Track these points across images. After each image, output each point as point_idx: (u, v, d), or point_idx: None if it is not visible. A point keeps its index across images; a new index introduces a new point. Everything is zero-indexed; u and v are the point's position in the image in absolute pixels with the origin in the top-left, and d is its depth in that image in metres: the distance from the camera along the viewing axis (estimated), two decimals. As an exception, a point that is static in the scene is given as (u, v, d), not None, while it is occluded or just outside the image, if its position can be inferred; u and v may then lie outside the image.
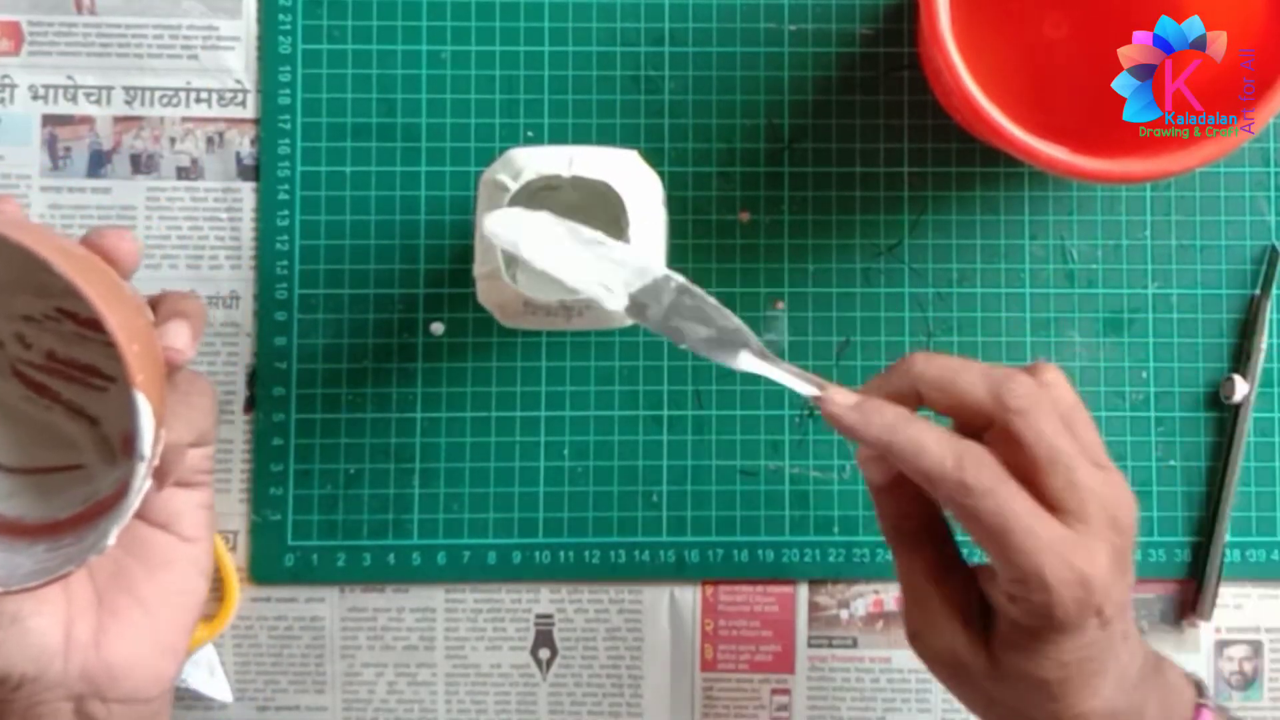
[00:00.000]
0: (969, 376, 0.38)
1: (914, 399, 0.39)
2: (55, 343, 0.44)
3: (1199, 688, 0.42)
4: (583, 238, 0.40)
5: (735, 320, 0.40)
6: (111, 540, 0.36)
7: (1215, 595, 0.53)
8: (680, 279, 0.40)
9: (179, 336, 0.39)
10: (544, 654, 0.54)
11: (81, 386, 0.44)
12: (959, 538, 0.42)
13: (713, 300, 0.40)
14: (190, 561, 0.44)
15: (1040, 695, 0.38)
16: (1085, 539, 0.36)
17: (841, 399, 0.39)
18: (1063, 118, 0.47)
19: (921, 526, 0.41)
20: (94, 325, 0.42)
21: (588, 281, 0.39)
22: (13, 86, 0.54)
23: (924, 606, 0.40)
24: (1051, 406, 0.38)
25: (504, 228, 0.40)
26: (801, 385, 0.40)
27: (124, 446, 0.43)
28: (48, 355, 0.44)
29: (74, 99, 0.54)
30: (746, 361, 0.40)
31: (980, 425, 0.38)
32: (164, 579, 0.43)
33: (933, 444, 0.37)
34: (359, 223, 0.53)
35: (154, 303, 0.41)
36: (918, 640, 0.41)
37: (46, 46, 0.54)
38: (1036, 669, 0.38)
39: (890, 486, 0.41)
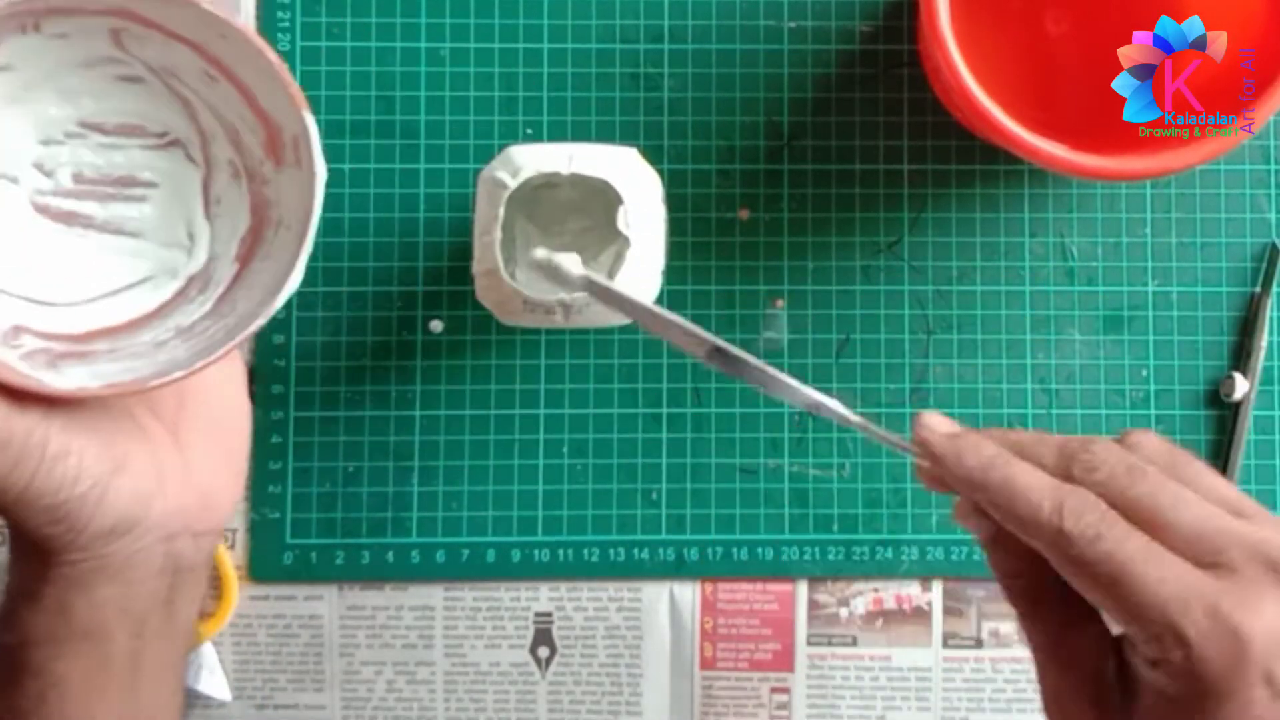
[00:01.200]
0: (1040, 448, 0.34)
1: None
2: (83, 161, 0.42)
3: None
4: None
5: (810, 390, 0.37)
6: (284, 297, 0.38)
7: (1215, 593, 0.53)
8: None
9: None
10: (543, 652, 0.54)
11: (119, 203, 0.43)
12: None
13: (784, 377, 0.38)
14: (233, 377, 0.45)
15: None
16: (1233, 583, 0.31)
17: (939, 423, 0.35)
18: (1063, 115, 0.47)
19: (1035, 585, 0.35)
20: (124, 132, 0.42)
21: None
22: (11, 84, 0.54)
23: (1048, 679, 0.35)
24: (1136, 464, 0.33)
25: None
26: (892, 438, 0.37)
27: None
28: (75, 178, 0.42)
29: (72, 96, 0.54)
30: (832, 414, 0.37)
31: None
32: (217, 399, 0.43)
33: (1032, 485, 0.33)
34: (357, 220, 0.53)
35: None
36: (1048, 714, 0.36)
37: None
38: None
39: (996, 540, 0.36)
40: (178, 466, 0.41)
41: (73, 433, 0.36)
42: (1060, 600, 0.35)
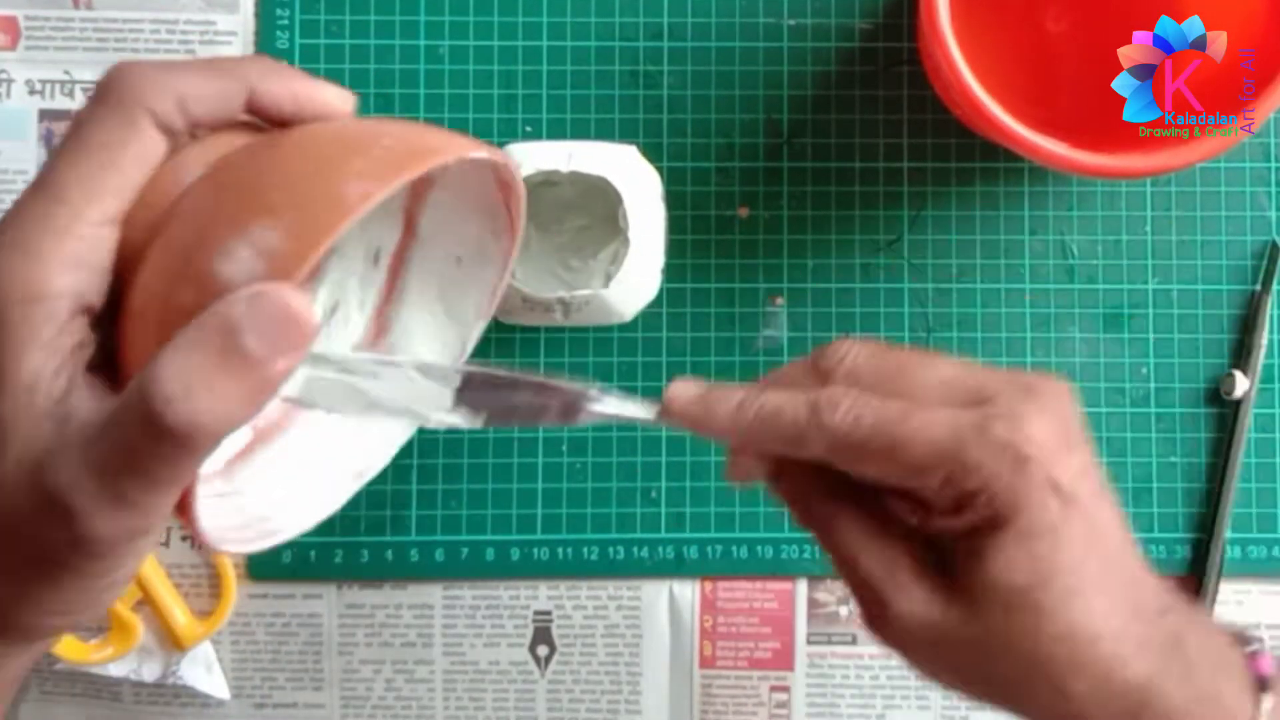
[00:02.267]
0: (788, 370, 0.36)
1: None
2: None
3: (1244, 638, 0.35)
4: (365, 368, 0.35)
5: (561, 383, 0.36)
6: None
7: (1216, 591, 0.53)
8: (472, 368, 0.36)
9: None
10: (542, 651, 0.54)
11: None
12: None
13: (526, 375, 0.36)
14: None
15: (1025, 614, 0.32)
16: (996, 410, 0.32)
17: (684, 392, 0.35)
18: (1063, 113, 0.47)
19: (827, 497, 0.35)
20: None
21: (401, 408, 0.35)
22: (9, 81, 0.54)
23: (868, 581, 0.34)
24: (875, 344, 0.35)
25: (292, 389, 0.35)
26: (639, 409, 0.36)
27: None
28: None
29: (71, 94, 0.53)
30: (591, 416, 0.36)
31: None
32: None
33: (783, 404, 0.34)
34: (357, 218, 0.53)
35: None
36: (877, 623, 0.35)
37: (43, 41, 0.54)
38: (1007, 575, 0.32)
39: (778, 473, 0.36)
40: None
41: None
42: (853, 500, 0.35)
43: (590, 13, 0.54)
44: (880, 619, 0.34)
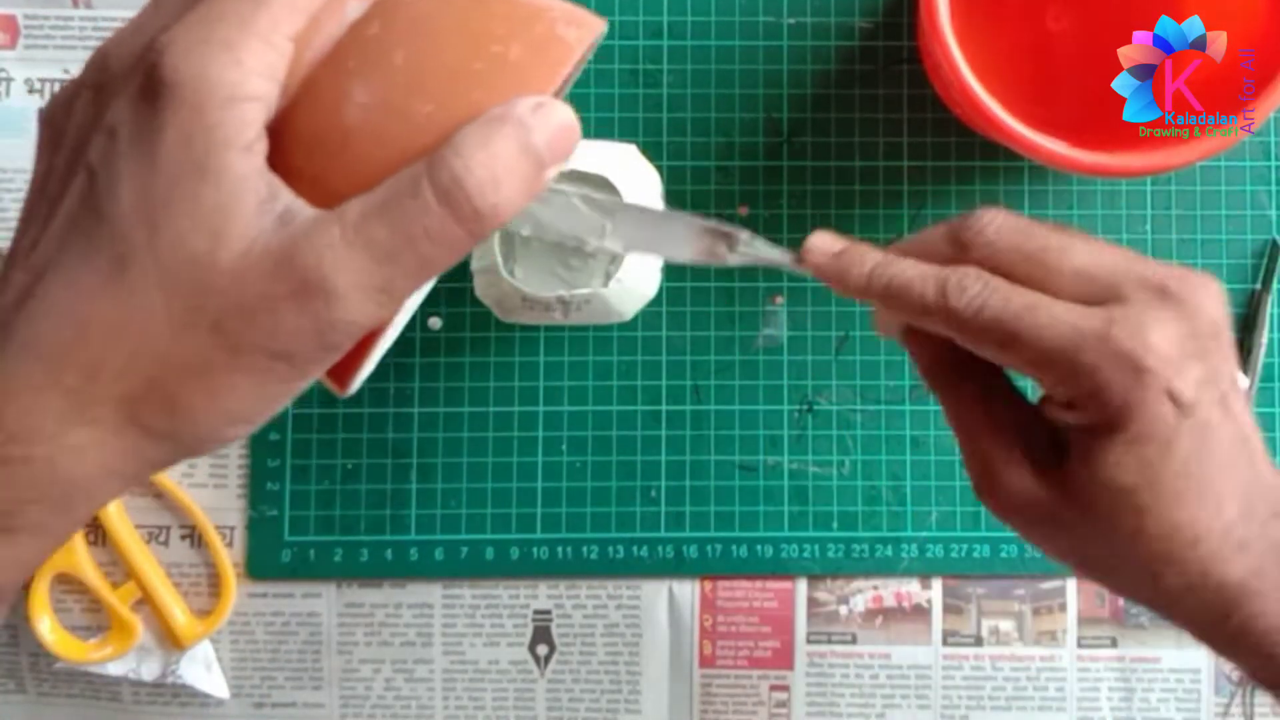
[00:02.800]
0: (929, 234, 0.36)
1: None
2: None
3: None
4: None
5: (711, 221, 0.37)
6: None
7: (1215, 591, 0.53)
8: (629, 201, 0.38)
9: None
10: (542, 650, 0.54)
11: None
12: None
13: (679, 211, 0.37)
14: None
15: (1128, 513, 0.33)
16: (1123, 312, 0.32)
17: (821, 243, 0.36)
18: (1062, 111, 0.47)
19: (955, 366, 0.36)
20: None
21: (562, 233, 0.37)
22: (9, 80, 0.53)
23: (981, 452, 0.36)
24: (1019, 219, 0.35)
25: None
26: (780, 255, 0.37)
27: None
28: None
29: (70, 93, 0.53)
30: (736, 256, 0.37)
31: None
32: None
33: (913, 277, 0.34)
34: (356, 217, 0.53)
35: None
36: (985, 493, 0.36)
37: (42, 40, 0.54)
38: (1115, 475, 0.33)
39: (909, 334, 0.37)
40: None
41: None
42: (980, 374, 0.36)
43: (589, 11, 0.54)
44: (988, 489, 0.36)
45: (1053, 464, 0.35)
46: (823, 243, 0.36)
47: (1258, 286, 0.54)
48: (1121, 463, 0.33)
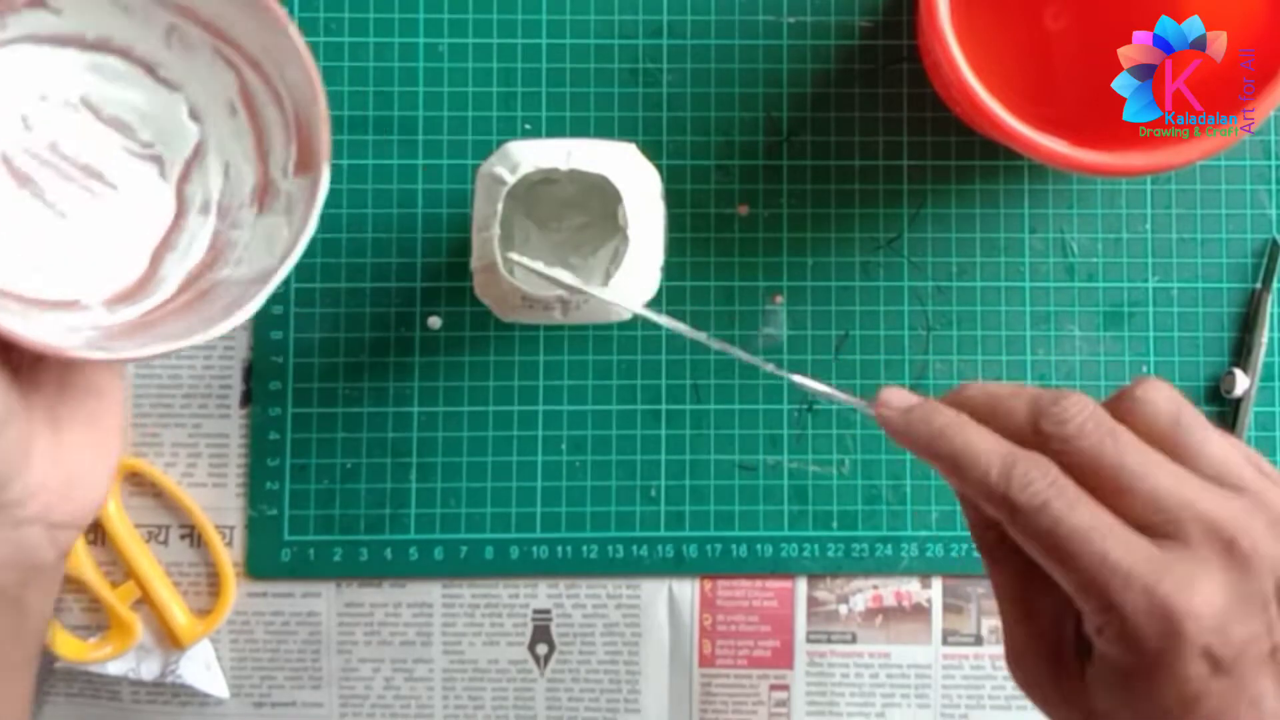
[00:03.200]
0: (1013, 403, 0.34)
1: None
2: (62, 133, 0.42)
3: None
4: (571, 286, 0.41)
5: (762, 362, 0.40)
6: (243, 317, 0.38)
7: (1215, 590, 0.53)
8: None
9: None
10: (541, 649, 0.54)
11: (76, 189, 0.42)
12: None
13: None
14: (115, 391, 0.42)
15: None
16: (1178, 559, 0.31)
17: (898, 399, 0.36)
18: (1062, 110, 0.47)
19: (1001, 537, 0.35)
20: (114, 125, 0.42)
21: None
22: (7, 79, 0.53)
23: (1010, 630, 0.36)
24: (1108, 421, 0.33)
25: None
26: (854, 399, 0.38)
27: (153, 254, 0.43)
28: (50, 146, 0.42)
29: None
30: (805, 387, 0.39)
31: None
32: (103, 392, 0.41)
33: (980, 451, 0.33)
34: (355, 216, 0.53)
35: None
36: (1008, 663, 0.36)
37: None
38: (1131, 715, 0.32)
39: (964, 495, 0.36)
40: (48, 444, 0.38)
41: None
42: (1024, 556, 0.34)
43: (589, 10, 0.54)
44: (1010, 663, 0.36)
45: (1075, 662, 0.34)
46: (896, 398, 0.36)
47: (1258, 285, 0.54)
48: (1141, 705, 0.32)
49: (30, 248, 0.41)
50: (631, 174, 0.44)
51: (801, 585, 0.54)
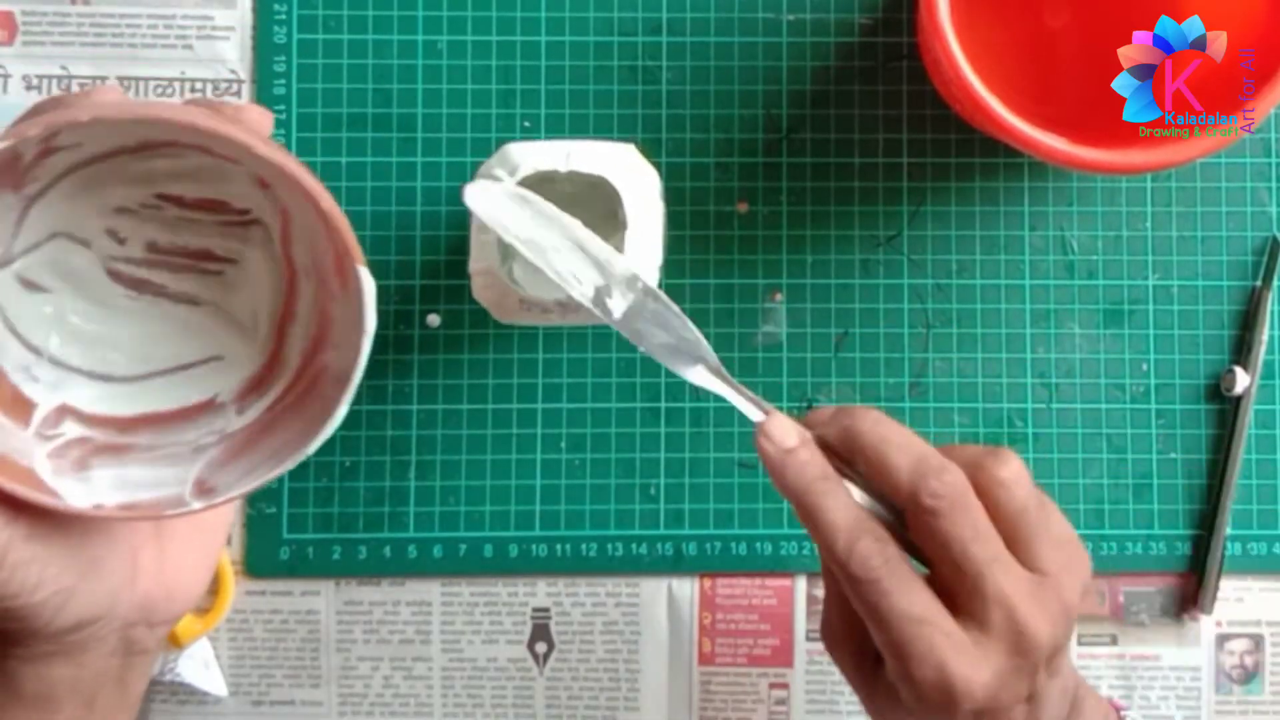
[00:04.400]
0: (898, 458, 0.37)
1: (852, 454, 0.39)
2: (157, 232, 0.41)
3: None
4: (562, 226, 0.40)
5: (695, 333, 0.40)
6: (331, 429, 0.37)
7: (1216, 588, 0.53)
8: (647, 283, 0.40)
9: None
10: (541, 648, 0.54)
11: (195, 275, 0.42)
12: None
13: (676, 309, 0.40)
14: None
15: None
16: (975, 644, 0.36)
17: (779, 435, 0.38)
18: (1062, 108, 0.47)
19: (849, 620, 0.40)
20: (204, 206, 0.41)
21: (559, 268, 0.39)
22: (6, 77, 0.53)
23: (827, 606, 0.41)
24: (973, 509, 0.36)
25: (484, 203, 0.40)
26: (749, 408, 0.39)
27: (278, 326, 0.42)
28: (148, 247, 0.41)
29: (67, 89, 0.53)
30: (699, 376, 0.40)
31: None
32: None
33: (836, 522, 0.36)
34: (355, 214, 0.53)
35: None
36: (821, 633, 0.42)
37: (40, 36, 0.53)
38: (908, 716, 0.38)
39: None
40: (153, 560, 0.40)
41: (39, 541, 0.35)
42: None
43: (589, 8, 0.54)
44: (822, 629, 0.42)
45: (872, 670, 0.39)
46: (779, 432, 0.38)
47: (1258, 283, 0.54)
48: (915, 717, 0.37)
49: (169, 346, 0.41)
50: (631, 174, 0.44)
51: (801, 583, 0.54)
